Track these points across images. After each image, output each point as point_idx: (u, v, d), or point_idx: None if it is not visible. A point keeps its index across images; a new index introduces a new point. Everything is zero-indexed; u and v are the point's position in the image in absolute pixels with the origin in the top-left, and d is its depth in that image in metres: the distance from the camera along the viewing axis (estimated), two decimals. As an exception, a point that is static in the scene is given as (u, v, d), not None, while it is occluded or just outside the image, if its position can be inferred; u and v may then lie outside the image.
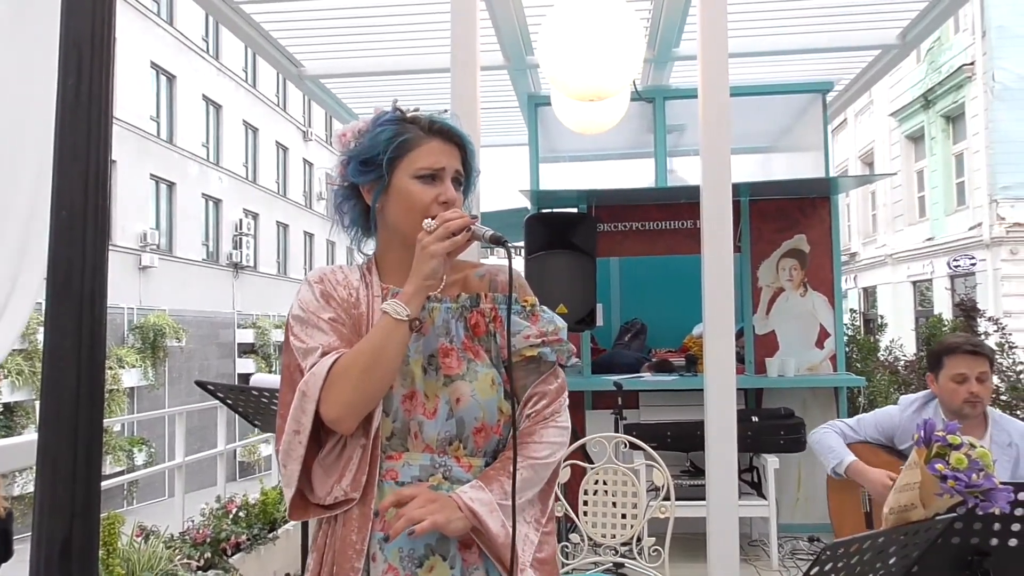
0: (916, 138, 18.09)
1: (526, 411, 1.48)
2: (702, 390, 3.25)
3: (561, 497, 2.78)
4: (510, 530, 1.37)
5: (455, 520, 1.32)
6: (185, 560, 3.86)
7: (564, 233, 4.76)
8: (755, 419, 4.81)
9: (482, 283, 1.51)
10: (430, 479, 1.40)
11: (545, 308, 1.53)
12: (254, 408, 2.94)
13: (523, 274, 4.52)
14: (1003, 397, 6.42)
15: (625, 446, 3.16)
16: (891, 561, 1.54)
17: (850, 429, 2.93)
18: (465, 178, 1.50)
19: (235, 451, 16.52)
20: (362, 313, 1.45)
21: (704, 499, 3.24)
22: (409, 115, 1.48)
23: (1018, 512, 1.61)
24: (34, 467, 0.93)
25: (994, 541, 1.64)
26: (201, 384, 2.96)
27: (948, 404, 2.68)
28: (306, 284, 1.48)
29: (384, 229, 1.51)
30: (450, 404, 1.40)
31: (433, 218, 1.38)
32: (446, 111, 1.53)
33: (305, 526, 3.14)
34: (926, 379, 2.81)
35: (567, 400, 1.53)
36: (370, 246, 1.57)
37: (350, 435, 1.39)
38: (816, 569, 1.38)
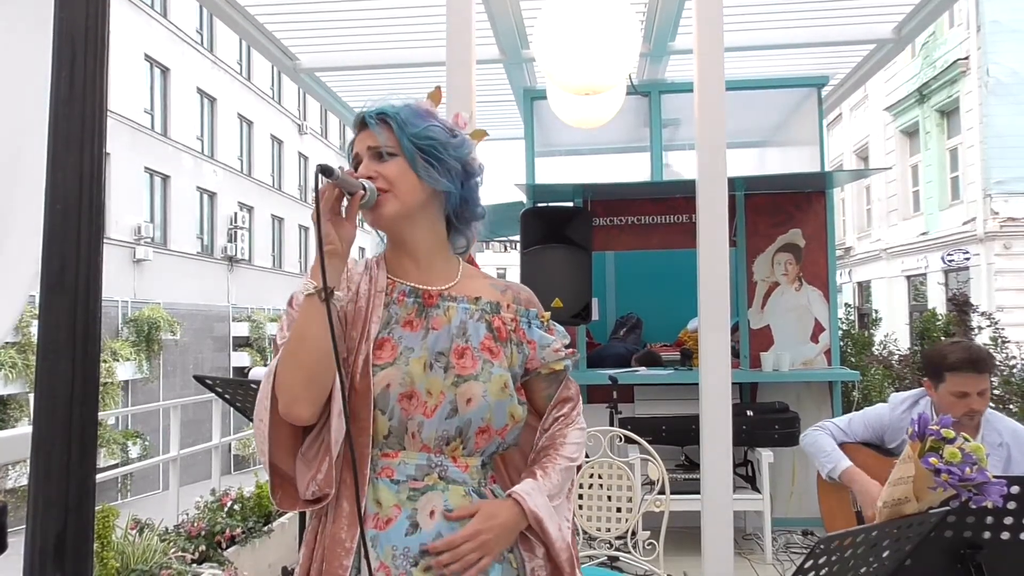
0: (911, 133, 18.13)
1: (554, 414, 1.54)
2: (697, 384, 3.26)
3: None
4: (565, 532, 1.45)
5: (511, 539, 1.41)
6: (180, 553, 3.86)
7: (560, 227, 4.76)
8: (750, 413, 4.82)
9: (504, 296, 1.53)
10: (425, 478, 1.39)
11: (554, 322, 1.59)
12: (252, 402, 2.92)
13: (519, 268, 4.54)
14: (996, 391, 6.44)
15: (620, 440, 3.17)
16: (884, 554, 1.54)
17: (840, 431, 2.90)
18: (416, 145, 1.42)
19: (230, 444, 16.50)
20: (361, 308, 1.44)
21: (699, 493, 3.25)
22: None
23: (1011, 506, 1.62)
24: (28, 460, 0.93)
25: (987, 534, 1.65)
26: (200, 379, 2.96)
27: (944, 412, 2.65)
28: (304, 279, 1.48)
29: None
30: (455, 403, 1.39)
31: None
32: (438, 88, 1.54)
33: (302, 519, 3.14)
34: (922, 383, 2.75)
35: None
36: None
37: (328, 430, 1.37)
38: (810, 562, 1.38)
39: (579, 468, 1.58)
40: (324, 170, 1.28)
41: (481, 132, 1.56)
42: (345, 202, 1.37)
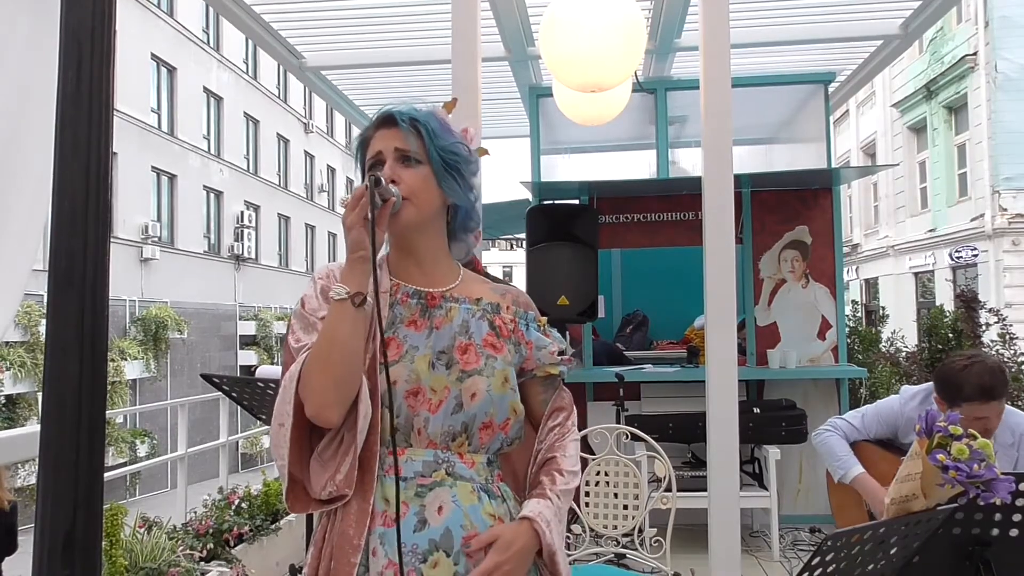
0: (918, 129, 18.05)
1: (550, 423, 1.54)
2: (703, 382, 3.25)
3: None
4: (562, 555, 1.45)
5: (529, 563, 1.41)
6: (188, 551, 3.88)
7: (566, 225, 4.75)
8: (757, 410, 4.81)
9: (504, 299, 1.55)
10: (433, 475, 1.40)
11: (552, 327, 1.60)
12: (259, 401, 2.94)
13: (525, 266, 4.54)
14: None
15: (627, 437, 3.17)
16: (892, 551, 1.54)
17: (853, 428, 2.84)
18: (438, 152, 1.45)
19: (237, 443, 16.57)
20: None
21: (705, 490, 3.24)
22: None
23: (1019, 502, 1.62)
24: (36, 459, 0.94)
25: (995, 531, 1.64)
26: (207, 377, 2.96)
27: None
28: (311, 281, 1.50)
29: None
30: (460, 399, 1.40)
31: None
32: (455, 100, 1.55)
33: (309, 517, 3.15)
34: (933, 399, 2.63)
35: None
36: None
37: (347, 430, 1.38)
38: (817, 560, 1.38)
39: (584, 467, 1.59)
40: (376, 181, 1.33)
41: (483, 150, 1.60)
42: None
